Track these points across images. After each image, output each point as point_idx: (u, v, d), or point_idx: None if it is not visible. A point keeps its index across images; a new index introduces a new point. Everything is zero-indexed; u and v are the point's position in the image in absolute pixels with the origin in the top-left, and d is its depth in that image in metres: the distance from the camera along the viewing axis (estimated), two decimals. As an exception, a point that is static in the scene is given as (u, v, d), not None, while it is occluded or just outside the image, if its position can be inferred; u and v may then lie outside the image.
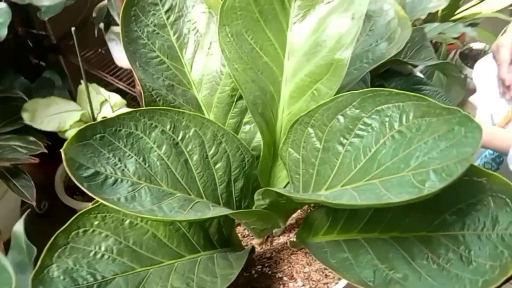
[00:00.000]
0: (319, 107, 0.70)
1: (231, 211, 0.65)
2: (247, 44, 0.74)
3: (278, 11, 0.76)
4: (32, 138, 1.20)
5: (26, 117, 1.22)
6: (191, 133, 0.69)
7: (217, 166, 0.72)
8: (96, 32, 1.38)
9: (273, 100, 0.77)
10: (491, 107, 1.03)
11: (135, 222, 0.68)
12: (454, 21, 1.50)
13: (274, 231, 0.88)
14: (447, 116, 0.59)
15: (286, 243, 0.87)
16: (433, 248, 0.64)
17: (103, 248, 0.64)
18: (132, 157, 0.63)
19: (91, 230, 0.64)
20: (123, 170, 0.61)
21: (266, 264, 0.84)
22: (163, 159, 0.66)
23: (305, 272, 0.82)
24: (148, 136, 0.66)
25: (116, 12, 1.28)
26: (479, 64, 1.15)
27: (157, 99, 0.73)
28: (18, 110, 1.22)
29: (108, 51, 1.53)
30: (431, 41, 1.37)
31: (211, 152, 0.71)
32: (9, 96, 1.21)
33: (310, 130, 0.72)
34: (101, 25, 1.39)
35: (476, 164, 0.61)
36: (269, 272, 0.82)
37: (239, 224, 0.92)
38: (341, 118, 0.69)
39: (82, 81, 1.27)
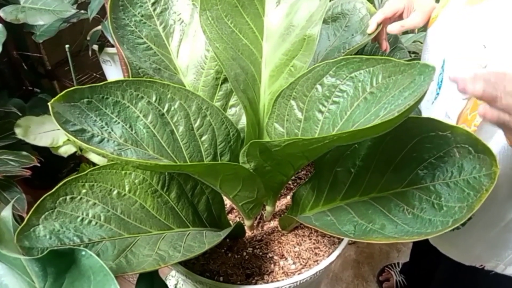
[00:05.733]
0: (299, 78, 0.74)
1: (213, 162, 0.67)
2: (227, 27, 0.78)
3: (254, -3, 0.81)
4: (24, 153, 1.22)
5: (19, 132, 1.24)
6: (176, 105, 0.72)
7: (203, 138, 0.74)
8: (90, 53, 1.44)
9: (254, 80, 0.80)
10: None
11: (123, 192, 0.69)
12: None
13: (264, 215, 0.88)
14: (410, 70, 0.64)
15: (277, 226, 0.88)
16: (408, 201, 0.69)
17: (90, 215, 0.65)
18: (119, 123, 0.66)
19: (79, 197, 0.65)
20: (109, 132, 0.64)
21: (257, 246, 0.83)
22: (149, 128, 0.69)
23: (295, 251, 0.82)
24: (134, 106, 0.68)
25: (109, 33, 1.35)
26: None
27: (144, 76, 0.76)
28: (11, 126, 1.24)
29: (102, 75, 1.58)
30: (409, 52, 1.44)
31: (197, 124, 0.73)
32: (2, 112, 1.24)
33: (292, 102, 0.75)
34: (95, 47, 1.45)
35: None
36: (260, 253, 0.82)
37: (230, 212, 0.92)
38: (319, 87, 0.73)
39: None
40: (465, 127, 0.72)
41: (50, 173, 1.56)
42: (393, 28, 0.88)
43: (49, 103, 0.57)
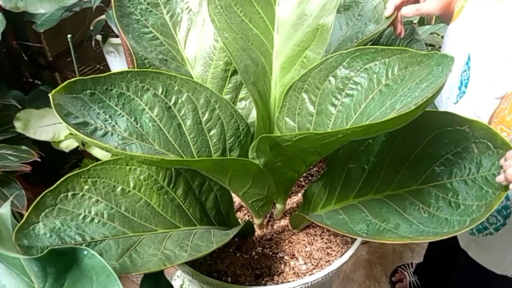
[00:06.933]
0: (311, 70, 0.72)
1: (222, 158, 0.65)
2: (236, 16, 0.77)
3: (265, -15, 0.79)
4: (24, 147, 1.21)
5: (18, 125, 1.23)
6: (183, 98, 0.70)
7: (211, 133, 0.72)
8: (93, 44, 1.43)
9: (265, 72, 0.78)
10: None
11: (128, 189, 0.68)
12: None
13: (274, 213, 0.87)
14: (427, 61, 0.63)
15: (287, 225, 0.86)
16: (424, 199, 0.68)
17: (93, 212, 0.63)
18: (123, 116, 0.64)
19: (81, 194, 0.64)
20: (113, 126, 0.62)
21: (267, 246, 0.82)
22: (155, 121, 0.67)
23: (307, 251, 0.80)
24: (140, 98, 0.67)
25: (113, 23, 1.33)
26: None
27: (150, 68, 0.75)
28: (10, 119, 1.23)
29: (106, 67, 1.57)
30: (425, 44, 1.42)
31: (205, 118, 0.72)
32: (1, 104, 1.23)
33: (304, 95, 0.73)
34: (99, 37, 1.44)
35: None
36: (270, 253, 0.81)
37: (239, 210, 0.91)
38: (332, 79, 0.71)
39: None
40: (503, 128, 0.70)
41: (51, 169, 1.55)
42: (407, 11, 0.86)
43: (49, 94, 0.56)
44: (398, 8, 0.86)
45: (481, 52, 0.78)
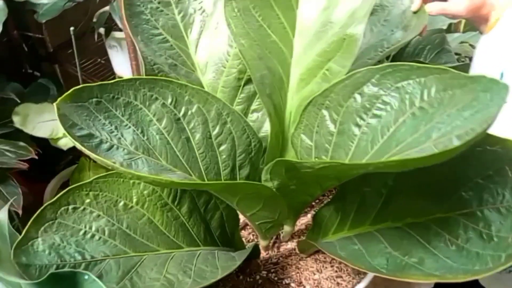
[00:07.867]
0: (335, 85, 0.70)
1: (234, 182, 0.65)
2: (254, 21, 0.76)
3: (287, -12, 0.79)
4: (22, 143, 1.21)
5: (17, 120, 1.23)
6: (193, 110, 0.70)
7: (221, 148, 0.72)
8: (96, 37, 1.43)
9: (282, 83, 0.78)
10: None
11: (130, 204, 0.68)
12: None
13: (281, 235, 0.86)
14: (471, 85, 0.59)
15: (294, 249, 0.85)
16: (450, 229, 0.63)
17: (93, 228, 0.63)
18: (129, 127, 0.64)
19: (82, 208, 0.64)
20: (119, 138, 0.62)
21: (272, 270, 0.81)
22: (162, 134, 0.67)
23: (315, 279, 0.79)
24: (147, 108, 0.66)
25: (118, 16, 1.33)
26: None
27: (159, 74, 0.74)
28: (9, 114, 1.23)
29: (108, 61, 1.56)
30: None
31: (215, 132, 0.71)
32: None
33: (324, 112, 0.72)
34: (102, 30, 1.43)
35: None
36: (275, 278, 0.80)
37: (244, 228, 0.90)
38: (358, 97, 0.69)
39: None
40: None
41: (48, 165, 1.55)
42: (432, 8, 0.84)
43: (55, 104, 0.55)
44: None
45: None
